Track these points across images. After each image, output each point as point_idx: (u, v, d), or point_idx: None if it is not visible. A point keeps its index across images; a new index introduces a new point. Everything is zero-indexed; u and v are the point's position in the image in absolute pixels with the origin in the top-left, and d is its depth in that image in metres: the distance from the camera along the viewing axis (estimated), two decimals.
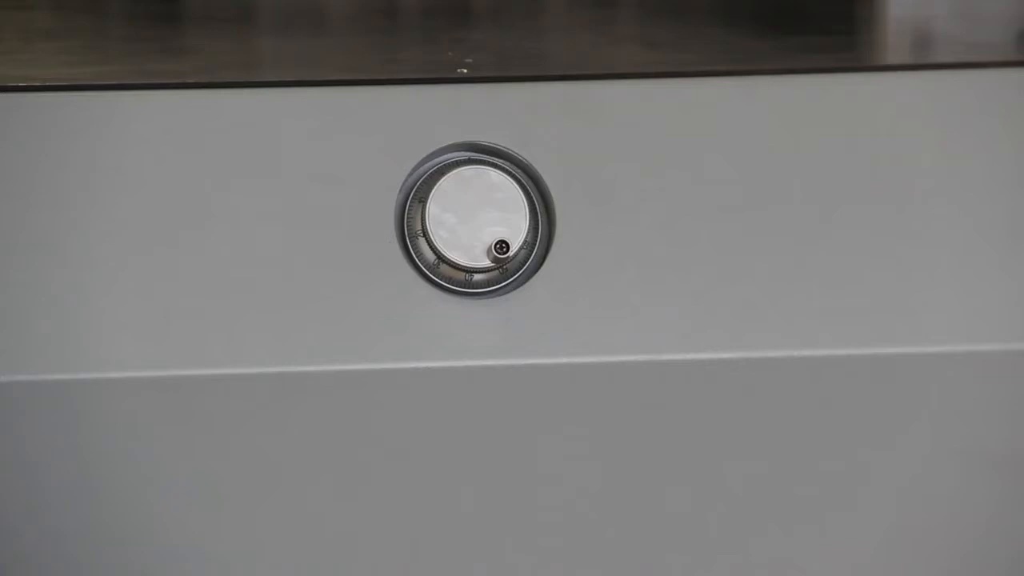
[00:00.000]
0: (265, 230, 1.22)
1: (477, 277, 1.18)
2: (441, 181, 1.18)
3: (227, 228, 1.22)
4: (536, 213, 1.19)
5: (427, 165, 1.20)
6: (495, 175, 1.19)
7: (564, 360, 1.21)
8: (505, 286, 1.19)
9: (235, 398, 1.20)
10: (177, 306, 1.21)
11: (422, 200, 1.17)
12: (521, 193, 1.19)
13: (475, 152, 1.20)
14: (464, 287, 1.19)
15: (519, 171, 1.19)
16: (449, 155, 1.20)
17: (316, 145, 1.22)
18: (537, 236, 1.19)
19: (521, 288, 1.19)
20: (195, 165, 1.22)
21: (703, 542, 1.27)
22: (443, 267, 1.18)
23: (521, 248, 1.18)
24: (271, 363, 1.21)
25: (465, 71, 1.27)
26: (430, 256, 1.18)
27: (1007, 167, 1.26)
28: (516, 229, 1.19)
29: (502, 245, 1.17)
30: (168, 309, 1.22)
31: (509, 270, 1.19)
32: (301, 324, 1.22)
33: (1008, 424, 1.26)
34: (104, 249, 1.22)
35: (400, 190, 1.19)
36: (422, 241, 1.18)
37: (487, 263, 1.18)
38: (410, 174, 1.19)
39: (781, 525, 1.26)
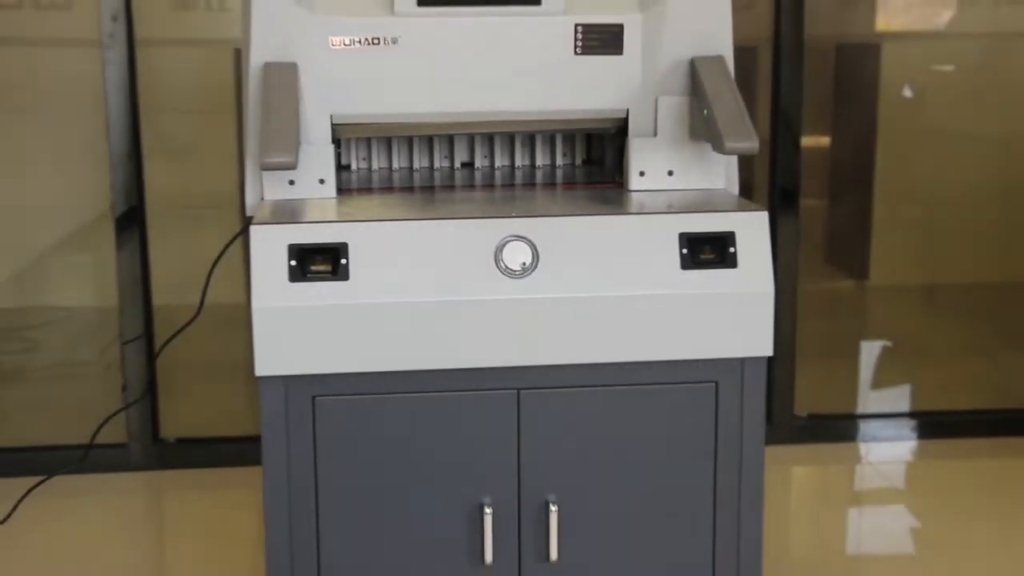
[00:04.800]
0: (438, 268, 2.56)
1: (516, 272, 2.60)
2: (505, 245, 2.60)
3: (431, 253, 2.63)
4: (534, 253, 2.60)
5: (500, 240, 2.60)
6: (521, 244, 2.61)
7: (545, 296, 2.60)
8: (525, 275, 2.61)
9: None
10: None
11: (500, 251, 2.62)
12: (530, 249, 2.60)
13: (515, 238, 2.60)
14: (512, 276, 2.61)
15: (529, 242, 2.60)
16: (507, 237, 2.60)
17: (462, 236, 2.59)
18: (534, 260, 2.60)
19: (529, 276, 2.62)
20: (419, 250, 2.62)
21: None
22: (507, 270, 2.61)
23: (529, 264, 2.61)
24: (431, 295, 2.56)
25: (515, 214, 2.63)
26: (504, 267, 2.62)
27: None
28: (527, 257, 2.62)
29: (524, 263, 2.62)
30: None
31: (526, 268, 2.61)
32: (451, 296, 2.58)
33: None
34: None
35: (495, 249, 2.61)
36: (502, 262, 2.60)
37: (519, 269, 2.61)
38: (497, 244, 2.61)
39: None
